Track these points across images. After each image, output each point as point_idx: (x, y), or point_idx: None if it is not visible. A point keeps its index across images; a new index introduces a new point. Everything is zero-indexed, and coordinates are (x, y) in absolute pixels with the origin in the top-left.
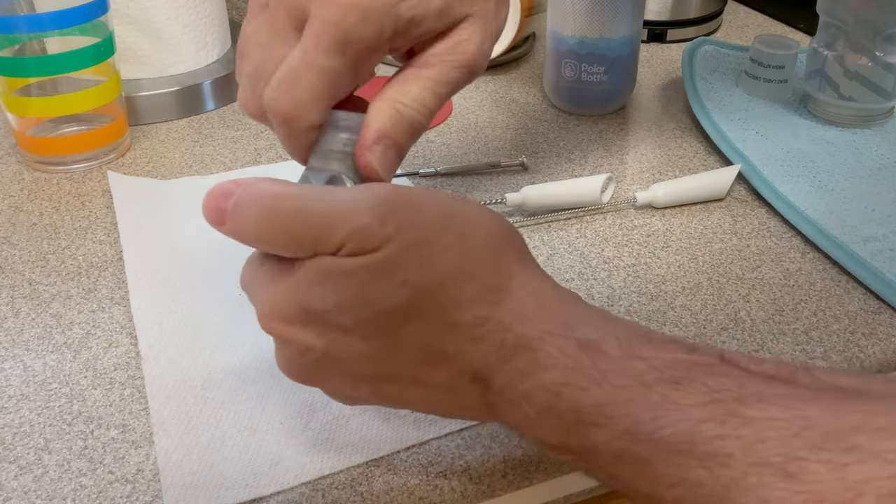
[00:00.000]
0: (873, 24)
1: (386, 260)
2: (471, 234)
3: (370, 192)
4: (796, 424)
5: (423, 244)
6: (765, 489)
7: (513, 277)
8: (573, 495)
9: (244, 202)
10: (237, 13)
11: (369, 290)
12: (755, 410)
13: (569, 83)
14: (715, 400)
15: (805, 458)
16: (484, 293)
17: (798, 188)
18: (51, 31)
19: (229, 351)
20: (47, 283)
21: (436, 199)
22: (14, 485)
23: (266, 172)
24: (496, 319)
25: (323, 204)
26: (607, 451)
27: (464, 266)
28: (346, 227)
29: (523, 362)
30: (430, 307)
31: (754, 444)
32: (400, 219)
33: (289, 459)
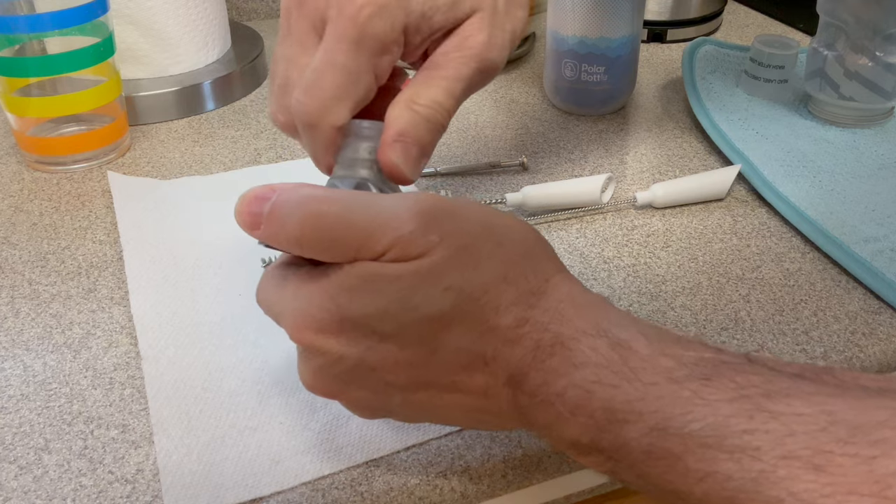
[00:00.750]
0: (873, 24)
1: (431, 266)
2: (509, 241)
3: (413, 200)
4: (823, 419)
5: (466, 251)
6: (793, 482)
7: (549, 281)
8: (573, 495)
9: (285, 206)
10: (237, 13)
11: (413, 295)
12: (783, 405)
13: (569, 83)
14: (743, 396)
15: (832, 452)
16: (522, 296)
17: (798, 188)
18: (51, 31)
19: (229, 351)
20: (47, 283)
21: (474, 208)
22: (14, 485)
23: (266, 172)
24: (534, 320)
25: (368, 209)
26: (637, 447)
27: (504, 272)
28: (391, 234)
29: (558, 361)
30: (471, 312)
31: (782, 437)
32: (444, 227)
33: (289, 459)
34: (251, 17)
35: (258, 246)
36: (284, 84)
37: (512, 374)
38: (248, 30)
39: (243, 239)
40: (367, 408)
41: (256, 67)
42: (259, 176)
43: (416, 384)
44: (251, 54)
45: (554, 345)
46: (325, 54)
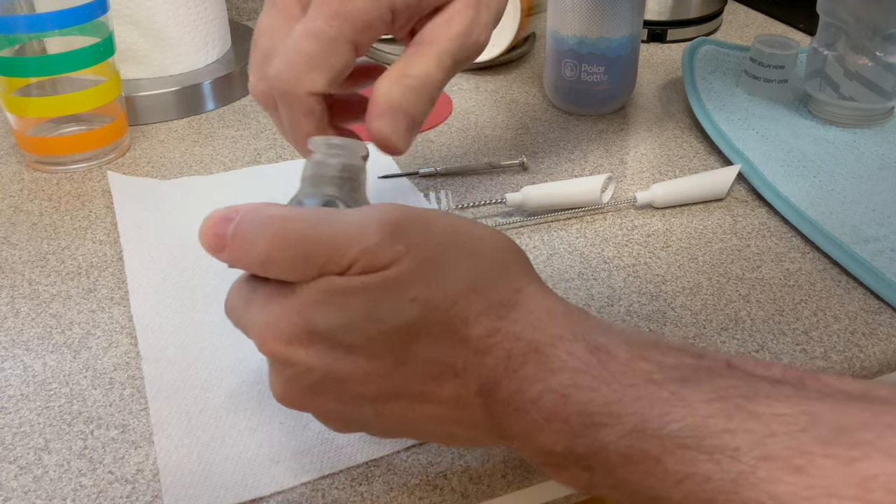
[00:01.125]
0: (873, 24)
1: (397, 277)
2: (478, 251)
3: (379, 212)
4: (804, 420)
5: (432, 261)
6: (774, 483)
7: (521, 291)
8: (573, 495)
9: (248, 226)
10: (237, 13)
11: (378, 307)
12: (763, 406)
13: (569, 83)
14: (722, 397)
15: (813, 453)
16: (492, 307)
17: (798, 188)
18: (51, 31)
19: (229, 351)
20: (47, 283)
21: (444, 219)
22: (14, 485)
23: (266, 172)
24: (504, 330)
25: (332, 225)
26: (615, 451)
27: (473, 282)
28: (356, 247)
29: (532, 368)
30: (439, 323)
31: (763, 437)
32: (410, 237)
33: (289, 459)
34: (251, 17)
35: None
36: (265, 55)
37: (483, 383)
38: (248, 30)
39: None
40: (340, 419)
41: None
42: (259, 176)
43: (386, 395)
44: None
45: (528, 352)
46: (306, 24)
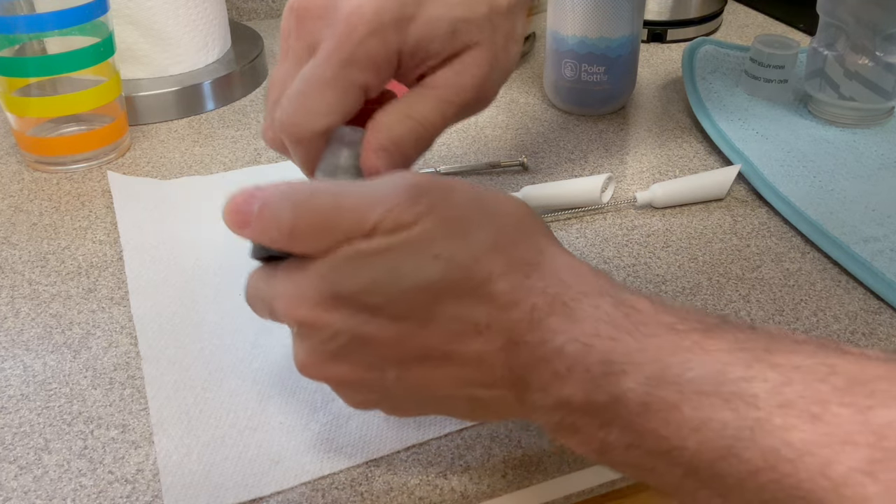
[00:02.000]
0: (873, 24)
1: (420, 234)
2: (500, 214)
3: (401, 176)
4: (822, 371)
5: (455, 220)
6: (789, 431)
7: (543, 252)
8: (573, 495)
9: (275, 201)
10: (237, 13)
11: (402, 265)
12: (782, 358)
13: (569, 83)
14: (743, 348)
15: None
16: (516, 265)
17: (798, 188)
18: (51, 31)
19: (229, 351)
20: (47, 283)
21: (464, 183)
22: (14, 485)
23: (266, 172)
24: (528, 285)
25: (356, 192)
26: (634, 398)
27: (496, 240)
28: (379, 208)
29: (557, 319)
30: (462, 280)
31: (780, 386)
32: (432, 197)
33: (289, 459)
34: (251, 17)
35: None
36: (275, 101)
37: (508, 338)
38: (248, 30)
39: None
40: (359, 389)
41: (256, 67)
42: (259, 176)
43: (410, 357)
44: (251, 54)
45: (553, 304)
46: (314, 69)
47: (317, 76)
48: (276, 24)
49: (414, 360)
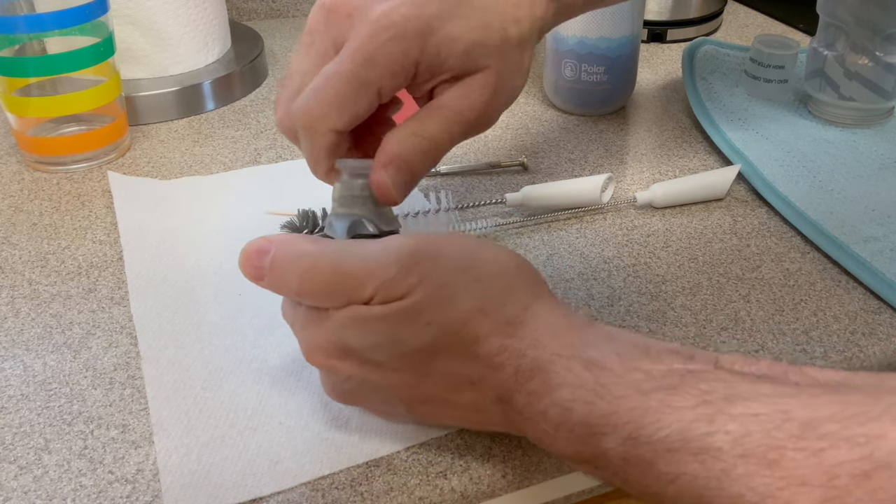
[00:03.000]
0: (873, 24)
1: (412, 305)
2: (487, 276)
3: (395, 246)
4: (778, 418)
5: (443, 289)
6: (751, 478)
7: (527, 309)
8: (573, 495)
9: (282, 262)
10: (237, 13)
11: (398, 331)
12: (741, 408)
13: (569, 83)
14: (705, 401)
15: (785, 447)
16: (500, 326)
17: (798, 188)
18: (51, 31)
19: (229, 351)
20: (47, 283)
21: (455, 244)
22: (14, 485)
23: (266, 172)
24: (512, 348)
25: (354, 260)
26: (615, 455)
27: (482, 305)
28: (375, 281)
29: (537, 383)
30: (453, 342)
31: (740, 437)
32: (422, 268)
33: (288, 460)
34: (251, 17)
35: None
36: (296, 92)
37: (499, 394)
38: (248, 30)
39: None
40: (381, 413)
41: (256, 67)
42: (259, 176)
43: (414, 399)
44: (251, 54)
45: (532, 369)
46: (336, 65)
47: (337, 72)
48: (276, 24)
49: (418, 402)
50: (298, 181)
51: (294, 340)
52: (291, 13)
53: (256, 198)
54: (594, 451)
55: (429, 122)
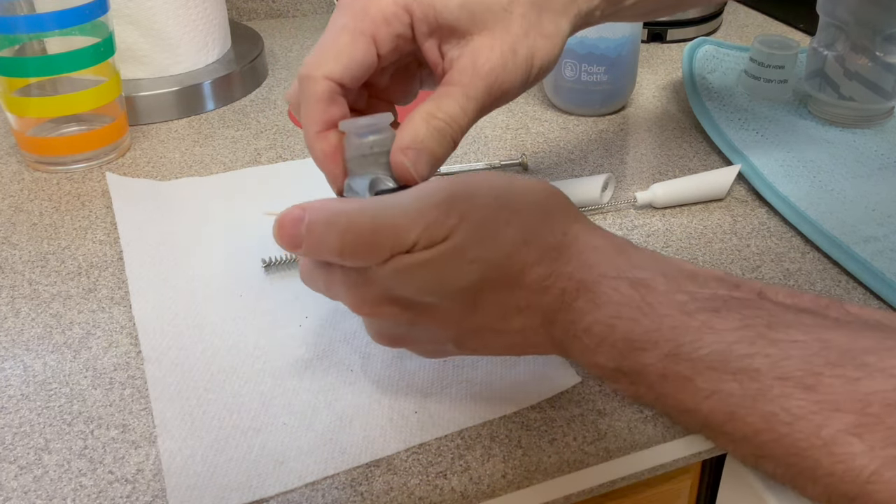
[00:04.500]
0: (873, 24)
1: (455, 245)
2: (523, 206)
3: (431, 191)
4: (816, 345)
5: (484, 225)
6: (786, 399)
7: (566, 234)
8: (573, 495)
9: (318, 225)
10: (237, 13)
11: (445, 273)
12: (781, 334)
13: (569, 83)
14: (747, 325)
15: (822, 374)
16: (544, 253)
17: (798, 188)
18: (51, 31)
19: (231, 352)
20: (47, 283)
21: (487, 182)
22: (14, 485)
23: (266, 172)
24: (557, 272)
25: (392, 213)
26: (654, 371)
27: (523, 235)
28: (416, 228)
29: (582, 302)
30: (499, 276)
31: (779, 360)
32: (461, 208)
33: (292, 460)
34: (251, 17)
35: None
36: None
37: (545, 316)
38: (248, 30)
39: (243, 240)
40: (427, 352)
41: (256, 67)
42: (259, 176)
43: (464, 333)
44: (251, 54)
45: (579, 289)
46: (332, 19)
47: (334, 27)
48: (276, 24)
49: (468, 334)
50: (298, 181)
51: (294, 341)
52: (291, 13)
53: (256, 198)
54: (633, 365)
55: (444, 100)
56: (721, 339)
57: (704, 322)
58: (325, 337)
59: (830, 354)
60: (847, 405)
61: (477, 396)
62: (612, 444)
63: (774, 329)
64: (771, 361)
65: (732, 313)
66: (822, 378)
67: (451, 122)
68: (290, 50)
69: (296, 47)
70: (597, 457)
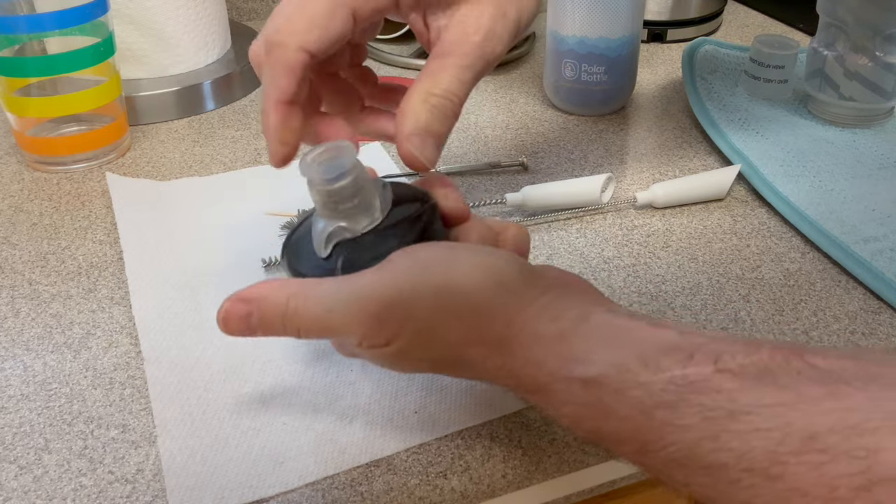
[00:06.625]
0: (873, 24)
1: (398, 350)
2: (465, 308)
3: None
4: (777, 434)
5: (424, 332)
6: (756, 489)
7: (510, 326)
8: (573, 495)
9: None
10: (237, 13)
11: (398, 364)
12: (743, 424)
13: (569, 83)
14: (706, 418)
15: (787, 462)
16: (492, 348)
17: (798, 188)
18: (51, 31)
19: (231, 352)
20: (47, 283)
21: (425, 279)
22: (14, 485)
23: (266, 172)
24: (508, 367)
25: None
26: (629, 456)
27: (466, 336)
28: (357, 332)
29: (542, 398)
30: (452, 366)
31: (744, 454)
32: (398, 316)
33: (292, 460)
34: (251, 17)
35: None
36: None
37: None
38: (248, 30)
39: (243, 240)
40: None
41: None
42: (259, 176)
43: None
44: None
45: (534, 385)
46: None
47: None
48: None
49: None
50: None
51: (294, 341)
52: None
53: (256, 198)
54: (609, 449)
55: (440, 75)
56: (684, 437)
57: (664, 420)
58: None
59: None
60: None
61: (477, 396)
62: None
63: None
64: (736, 455)
65: (691, 408)
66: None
67: (451, 97)
68: None
69: None
70: (597, 457)
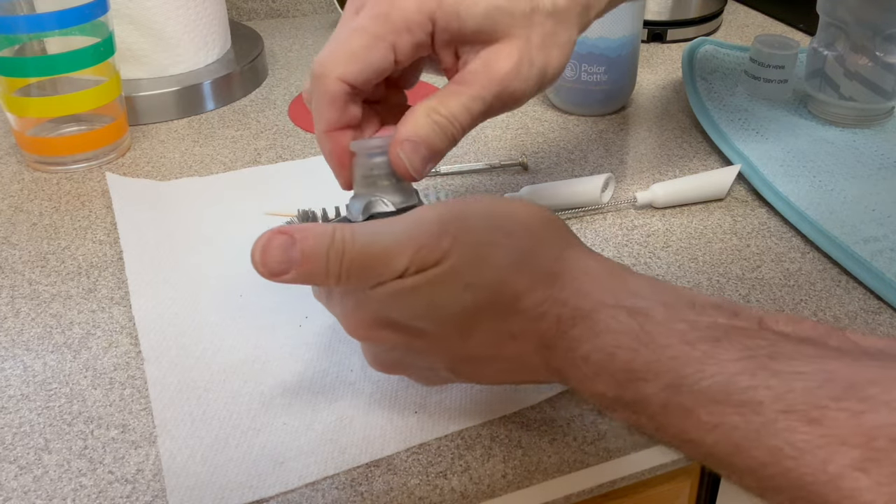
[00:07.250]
0: (873, 24)
1: (448, 269)
2: (516, 230)
3: (422, 215)
4: (820, 377)
5: (477, 249)
6: (791, 433)
7: (559, 259)
8: (573, 495)
9: (315, 249)
10: (237, 13)
11: (437, 297)
12: (784, 365)
13: (569, 83)
14: (749, 356)
15: (827, 407)
16: (539, 279)
17: (798, 188)
18: (51, 31)
19: (231, 352)
20: (47, 283)
21: (479, 203)
22: (14, 485)
23: (266, 172)
24: (552, 298)
25: (383, 237)
26: (656, 401)
27: (516, 260)
28: (408, 252)
29: (580, 330)
30: (493, 303)
31: (783, 393)
32: (453, 230)
33: (292, 460)
34: (251, 17)
35: None
36: None
37: (540, 342)
38: (248, 30)
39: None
40: (424, 379)
41: (256, 67)
42: (259, 176)
43: (458, 360)
44: (251, 54)
45: (575, 316)
46: (355, 21)
47: (355, 28)
48: (276, 24)
49: (462, 361)
50: (298, 181)
51: (294, 341)
52: (291, 13)
53: (256, 198)
54: (634, 395)
55: (448, 98)
56: (723, 370)
57: (706, 352)
58: (325, 337)
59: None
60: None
61: (477, 396)
62: (612, 444)
63: (777, 360)
64: (774, 394)
65: (734, 343)
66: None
67: (453, 120)
68: (290, 50)
69: (296, 47)
70: (597, 457)
